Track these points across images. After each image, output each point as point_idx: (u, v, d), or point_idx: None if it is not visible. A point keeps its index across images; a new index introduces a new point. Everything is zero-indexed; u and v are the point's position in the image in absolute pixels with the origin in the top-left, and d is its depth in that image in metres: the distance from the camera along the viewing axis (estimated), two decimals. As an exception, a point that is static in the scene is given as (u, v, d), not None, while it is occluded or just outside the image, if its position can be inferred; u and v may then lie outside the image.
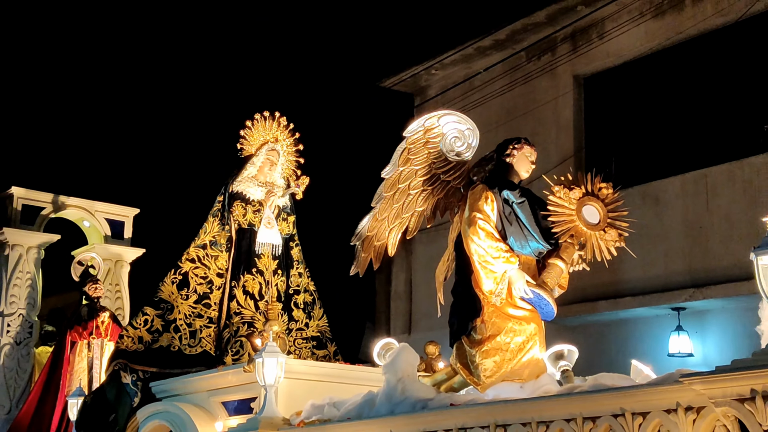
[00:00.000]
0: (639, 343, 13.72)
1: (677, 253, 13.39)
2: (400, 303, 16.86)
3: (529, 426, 6.26)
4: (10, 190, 13.17)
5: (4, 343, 12.83)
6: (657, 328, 13.57)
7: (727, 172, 13.14)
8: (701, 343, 13.27)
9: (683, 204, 13.52)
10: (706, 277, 12.90)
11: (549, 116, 15.38)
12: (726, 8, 13.51)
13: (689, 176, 13.54)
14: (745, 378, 5.15)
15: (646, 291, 13.45)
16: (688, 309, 13.19)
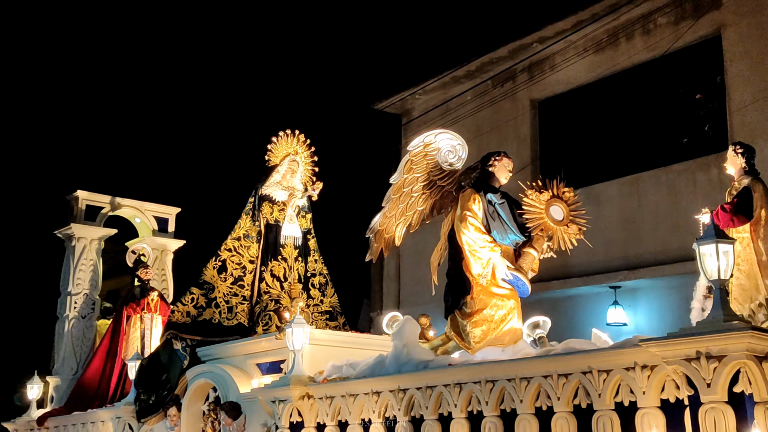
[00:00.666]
0: (583, 314, 13.64)
1: (614, 242, 13.32)
2: (391, 283, 16.76)
3: (513, 381, 6.29)
4: (76, 193, 13.08)
5: (72, 317, 12.74)
6: (598, 302, 13.53)
7: (654, 177, 13.16)
8: (633, 314, 13.26)
9: (619, 203, 13.49)
10: (638, 262, 12.92)
11: (510, 132, 15.27)
12: (652, 45, 13.51)
13: (624, 180, 13.54)
14: (692, 342, 5.22)
15: (589, 273, 13.39)
16: (623, 287, 13.19)
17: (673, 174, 12.95)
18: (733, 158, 7.42)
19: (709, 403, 5.16)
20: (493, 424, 6.38)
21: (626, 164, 13.63)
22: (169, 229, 13.73)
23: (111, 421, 10.47)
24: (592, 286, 13.48)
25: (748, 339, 5.01)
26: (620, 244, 13.23)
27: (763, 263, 6.83)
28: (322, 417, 7.75)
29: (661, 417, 5.50)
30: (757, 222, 6.95)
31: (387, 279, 16.88)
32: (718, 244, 5.41)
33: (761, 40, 12.31)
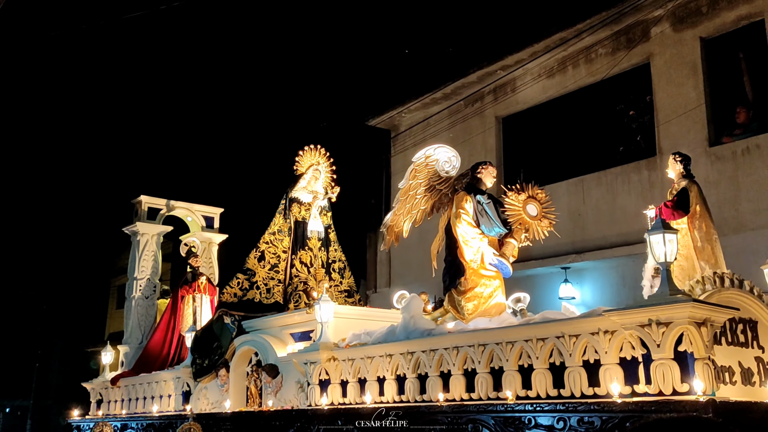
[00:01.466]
0: (540, 290, 13.48)
1: (564, 231, 12.86)
2: (383, 267, 16.71)
3: (500, 345, 6.36)
4: (139, 198, 13.10)
5: (137, 297, 12.77)
6: (551, 280, 13.52)
7: (596, 178, 13.16)
8: (580, 289, 13.28)
9: (568, 199, 13.43)
10: (583, 247, 12.93)
11: (479, 144, 15.22)
12: (595, 71, 13.52)
13: (572, 181, 13.52)
14: (645, 312, 5.35)
15: (544, 256, 13.32)
16: (572, 268, 13.18)
17: (611, 176, 12.99)
18: (674, 164, 7.54)
19: (659, 360, 5.29)
20: (484, 379, 6.47)
21: (573, 168, 13.64)
22: (214, 226, 13.72)
23: (172, 380, 10.49)
24: (547, 267, 13.44)
25: (690, 308, 5.14)
26: (569, 233, 13.11)
27: (698, 248, 6.99)
28: (345, 375, 7.79)
29: (620, 371, 5.60)
30: (693, 215, 7.09)
31: (380, 263, 16.78)
32: (664, 234, 5.55)
33: (682, 67, 12.37)
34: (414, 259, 14.41)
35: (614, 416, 5.22)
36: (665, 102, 12.52)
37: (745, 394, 5.69)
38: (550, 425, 5.61)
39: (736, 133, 11.78)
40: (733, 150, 11.66)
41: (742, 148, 11.59)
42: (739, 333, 5.88)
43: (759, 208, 11.20)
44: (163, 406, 10.56)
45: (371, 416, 7.03)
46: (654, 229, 5.57)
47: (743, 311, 6.00)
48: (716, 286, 5.78)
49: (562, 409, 5.55)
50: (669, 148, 12.37)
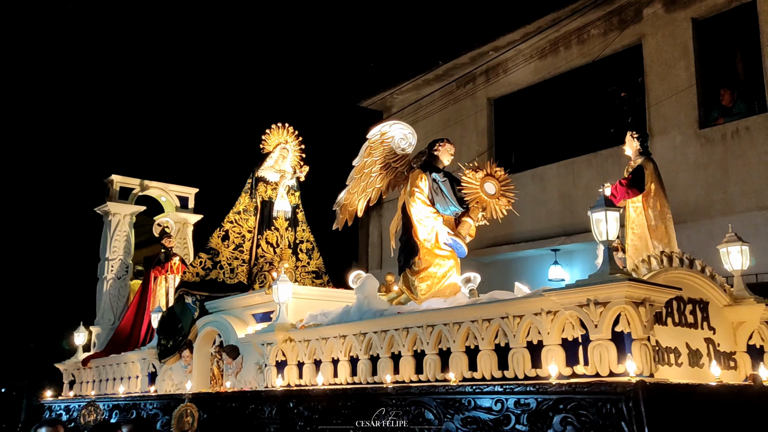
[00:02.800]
0: (529, 272, 13.55)
1: (554, 213, 13.30)
2: (375, 248, 16.72)
3: (448, 326, 6.28)
4: (111, 177, 13.06)
5: (109, 278, 12.76)
6: (541, 262, 13.48)
7: (587, 160, 13.07)
8: (570, 271, 13.18)
9: (558, 181, 13.43)
10: (573, 229, 12.81)
11: (471, 125, 15.17)
12: (586, 52, 13.41)
13: (562, 163, 13.46)
14: (583, 291, 5.25)
15: (534, 238, 13.35)
16: (562, 250, 13.13)
17: (601, 158, 12.87)
18: (630, 141, 7.38)
19: (597, 341, 5.19)
20: (432, 360, 6.40)
21: (564, 150, 13.57)
22: (189, 206, 13.69)
23: (138, 361, 10.50)
24: (537, 249, 13.43)
25: (626, 288, 5.02)
26: (559, 215, 13.21)
27: (651, 227, 6.84)
28: (301, 356, 7.74)
29: (561, 352, 5.51)
30: (647, 194, 6.94)
31: (371, 245, 16.79)
32: (607, 212, 5.42)
33: (674, 48, 12.24)
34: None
35: (549, 398, 5.12)
36: (656, 83, 12.40)
37: (691, 376, 5.58)
38: (489, 407, 5.51)
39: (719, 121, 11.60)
40: (723, 132, 11.52)
41: (731, 130, 11.44)
42: (688, 313, 5.76)
43: (747, 191, 11.07)
44: (130, 387, 10.58)
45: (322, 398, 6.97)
46: (596, 207, 5.43)
47: (693, 292, 5.88)
48: (663, 266, 5.65)
49: (500, 390, 5.45)
50: (660, 129, 12.26)
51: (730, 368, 5.98)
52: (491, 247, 13.92)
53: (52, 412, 11.51)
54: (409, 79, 16.06)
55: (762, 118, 11.06)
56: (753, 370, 5.91)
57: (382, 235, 16.41)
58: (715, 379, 5.36)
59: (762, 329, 6.25)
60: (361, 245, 17.14)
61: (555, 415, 5.04)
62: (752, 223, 10.63)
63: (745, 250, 6.35)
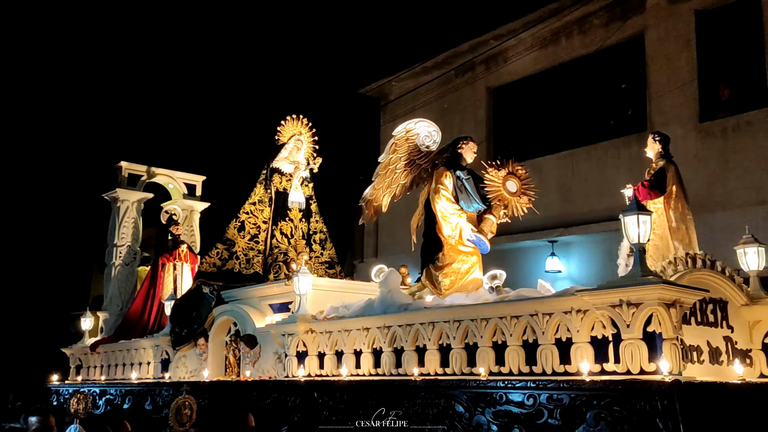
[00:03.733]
0: (526, 263, 13.69)
1: (552, 204, 13.21)
2: (371, 238, 16.77)
3: (475, 321, 6.45)
4: (120, 164, 13.06)
5: (117, 264, 12.80)
6: (538, 254, 13.60)
7: (586, 152, 13.20)
8: (567, 263, 13.39)
9: (557, 173, 13.51)
10: (571, 221, 13.01)
11: (469, 114, 15.18)
12: (588, 42, 13.51)
13: (561, 154, 13.57)
14: (616, 292, 5.45)
15: (532, 229, 13.28)
16: (559, 241, 13.27)
17: (601, 150, 13.04)
18: (652, 144, 7.63)
19: (628, 340, 5.42)
20: (459, 354, 6.58)
21: (563, 141, 13.68)
22: (196, 194, 13.71)
23: (151, 348, 10.61)
24: (534, 241, 13.51)
25: (659, 290, 5.25)
26: (557, 206, 13.25)
27: (672, 228, 7.12)
28: (322, 347, 7.89)
29: (590, 350, 5.72)
30: (669, 196, 7.21)
31: (367, 234, 16.84)
32: (638, 215, 5.63)
33: (676, 40, 12.37)
34: (401, 230, 14.39)
35: (582, 394, 5.37)
36: (657, 76, 12.56)
37: (713, 373, 5.86)
38: (521, 402, 5.74)
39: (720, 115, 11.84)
40: (723, 126, 11.74)
41: (732, 124, 11.67)
42: (709, 313, 6.03)
43: (746, 185, 11.32)
44: (142, 373, 10.72)
45: (347, 389, 7.17)
46: (628, 210, 5.65)
47: (714, 292, 6.15)
48: (688, 267, 5.91)
49: (532, 386, 5.68)
50: (660, 122, 12.45)
51: (746, 365, 6.26)
52: (490, 237, 14.09)
53: (60, 396, 11.62)
54: (408, 66, 16.09)
55: (763, 113, 11.24)
56: (768, 367, 6.23)
57: (378, 225, 16.41)
58: (738, 377, 5.66)
59: (777, 327, 6.56)
60: (356, 234, 17.19)
61: (588, 410, 5.29)
62: (751, 217, 10.88)
63: (762, 251, 6.63)
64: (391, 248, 15.46)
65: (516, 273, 12.57)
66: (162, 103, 19.23)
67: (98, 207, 13.62)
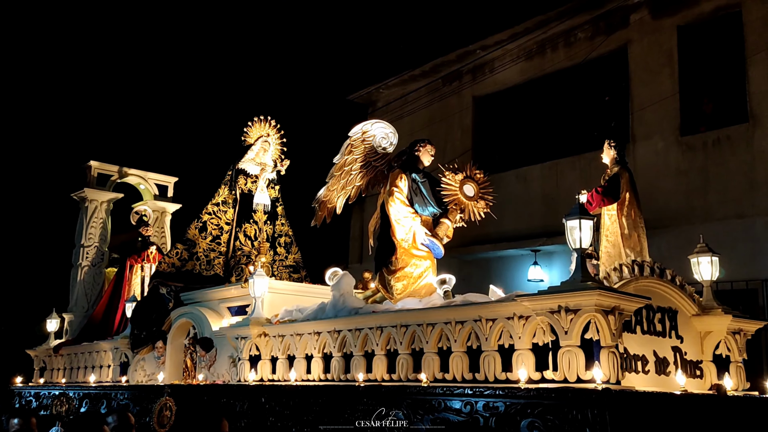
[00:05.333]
0: (509, 272, 13.67)
1: (536, 214, 13.33)
2: (356, 243, 16.71)
3: (422, 326, 6.37)
4: (89, 163, 12.96)
5: (84, 265, 12.69)
6: (521, 262, 13.56)
7: (570, 162, 13.19)
8: (549, 273, 13.29)
9: (541, 182, 13.52)
10: (554, 230, 12.65)
11: (456, 123, 15.19)
12: (573, 55, 13.56)
13: (546, 164, 13.56)
14: (555, 298, 5.37)
15: (515, 238, 13.39)
16: (542, 251, 13.21)
17: (585, 160, 12.95)
18: (608, 150, 7.51)
19: (566, 347, 5.32)
20: (405, 360, 6.50)
21: (548, 151, 13.69)
22: (168, 195, 13.63)
23: (111, 351, 10.50)
24: (517, 249, 13.50)
25: (596, 296, 5.14)
26: (541, 216, 13.25)
27: (625, 235, 6.99)
28: (275, 351, 7.82)
29: (531, 357, 5.63)
30: (622, 202, 7.09)
31: (352, 239, 16.79)
32: (581, 220, 5.54)
33: (658, 54, 12.41)
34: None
35: (517, 402, 5.24)
36: (640, 89, 12.57)
37: (658, 384, 5.73)
38: (458, 409, 5.63)
39: (701, 129, 11.79)
40: (704, 140, 11.71)
41: (713, 138, 11.63)
42: (657, 322, 5.91)
43: (726, 199, 11.27)
44: (102, 376, 10.59)
45: (292, 394, 7.05)
46: (571, 215, 5.54)
47: (662, 300, 6.03)
48: (634, 275, 5.78)
49: (469, 393, 5.57)
50: (642, 135, 12.43)
51: (696, 377, 6.14)
52: (472, 246, 13.96)
53: (22, 398, 11.49)
54: (396, 74, 16.11)
55: (743, 128, 11.25)
56: (718, 379, 6.07)
57: (362, 230, 16.40)
58: (680, 388, 5.50)
59: (728, 339, 6.43)
60: (341, 240, 17.13)
61: (522, 419, 5.17)
62: (731, 230, 10.83)
63: (715, 261, 6.51)
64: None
65: (499, 282, 12.45)
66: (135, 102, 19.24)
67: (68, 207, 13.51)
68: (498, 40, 14.37)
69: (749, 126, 11.17)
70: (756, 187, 10.94)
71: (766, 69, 11.07)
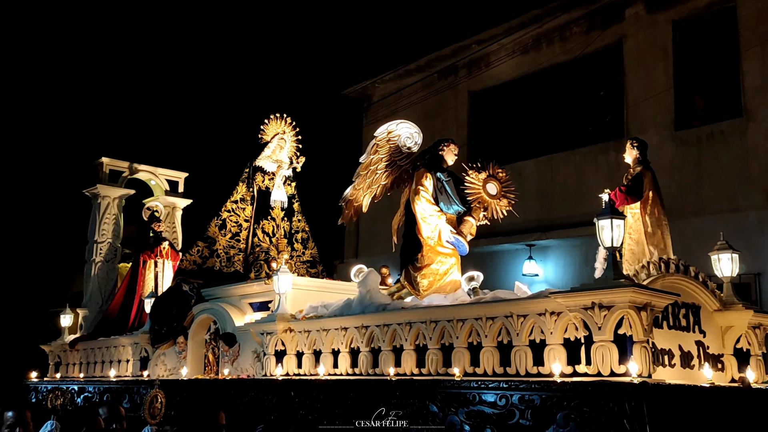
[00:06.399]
0: (504, 266, 13.76)
1: (531, 209, 13.20)
2: (351, 238, 16.77)
3: (452, 322, 6.46)
4: (101, 160, 12.94)
5: (98, 261, 12.69)
6: (516, 257, 13.65)
7: (564, 157, 13.31)
8: (544, 267, 13.44)
9: (536, 177, 13.57)
10: (549, 225, 13.08)
11: (451, 117, 15.22)
12: (568, 49, 13.61)
13: (540, 159, 13.65)
14: (589, 295, 5.50)
15: (510, 233, 13.31)
16: (537, 245, 13.32)
17: (579, 155, 13.15)
18: (630, 150, 7.69)
19: (600, 342, 5.46)
20: (434, 354, 6.58)
21: (543, 146, 13.78)
22: (178, 190, 13.61)
23: (130, 346, 10.53)
24: (512, 244, 13.56)
25: (630, 293, 5.29)
26: (536, 211, 13.30)
27: (648, 233, 7.17)
28: (300, 347, 7.87)
29: (563, 352, 5.76)
30: (645, 201, 7.26)
31: (348, 235, 16.81)
32: (612, 220, 5.67)
33: (653, 49, 12.52)
34: (381, 231, 14.42)
35: (552, 395, 5.40)
36: (635, 84, 12.69)
37: (684, 377, 5.91)
38: (493, 402, 5.77)
39: (695, 123, 11.98)
40: (698, 135, 11.88)
41: (706, 133, 11.81)
42: (681, 317, 6.09)
43: (719, 193, 11.46)
44: (121, 370, 10.62)
45: (323, 388, 7.15)
46: (602, 215, 5.69)
47: (686, 296, 6.21)
48: (661, 272, 5.96)
49: (504, 387, 5.70)
50: (636, 130, 12.54)
51: (717, 370, 6.34)
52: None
53: (38, 393, 11.49)
54: (391, 69, 16.11)
55: (737, 123, 11.41)
56: (739, 372, 6.29)
57: (358, 225, 16.38)
58: (708, 381, 5.72)
59: (749, 334, 6.64)
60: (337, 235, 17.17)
61: (558, 411, 5.32)
62: (724, 224, 10.98)
63: (735, 257, 6.70)
64: (371, 249, 15.45)
65: (493, 276, 12.60)
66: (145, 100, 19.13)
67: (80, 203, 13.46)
68: (493, 34, 14.44)
69: (743, 121, 11.33)
70: (749, 181, 11.12)
71: (760, 64, 11.22)
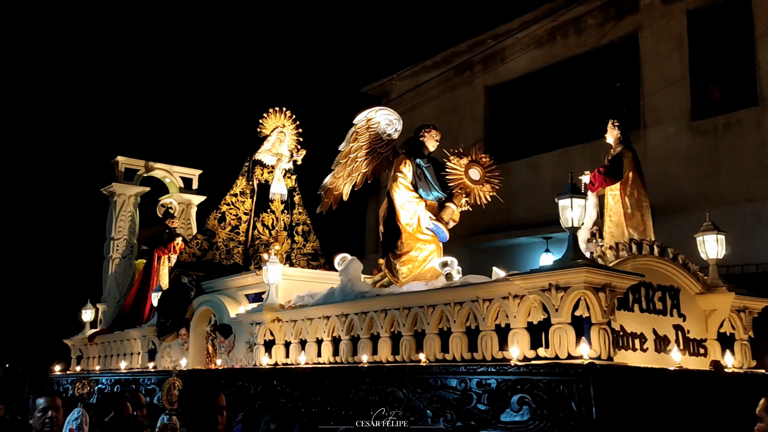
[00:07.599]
0: (521, 259, 13.41)
1: (548, 201, 12.68)
2: (371, 233, 16.50)
3: (423, 308, 6.31)
4: (117, 158, 13.06)
5: (115, 257, 12.80)
6: (533, 250, 13.36)
7: (581, 150, 12.93)
8: (561, 260, 13.19)
9: (553, 170, 13.27)
10: None
11: (467, 112, 15.03)
12: (583, 42, 13.37)
13: (557, 152, 13.36)
14: (545, 276, 5.27)
15: (527, 226, 13.22)
16: (554, 238, 12.95)
17: (596, 147, 12.46)
18: (611, 130, 7.35)
19: (557, 324, 5.21)
20: (408, 341, 6.44)
21: (559, 139, 13.48)
22: (193, 187, 13.66)
23: (139, 338, 10.61)
24: (529, 237, 13.32)
25: (585, 273, 5.01)
26: (552, 203, 12.58)
27: (628, 215, 6.80)
28: (288, 336, 7.81)
29: (526, 335, 5.53)
30: (625, 182, 6.90)
31: (368, 230, 16.67)
32: (572, 199, 5.43)
33: (669, 39, 12.14)
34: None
35: (508, 379, 5.16)
36: (651, 74, 12.33)
37: (657, 361, 5.58)
38: (454, 387, 5.56)
39: (711, 113, 11.52)
40: (715, 125, 11.47)
41: (723, 123, 11.39)
42: (657, 300, 5.76)
43: (737, 183, 11.01)
44: (132, 362, 10.72)
45: (303, 376, 7.05)
46: (563, 194, 5.43)
47: (663, 279, 5.88)
48: (632, 253, 5.64)
49: (464, 371, 5.49)
50: (653, 120, 12.18)
51: (699, 355, 5.97)
52: (485, 234, 13.84)
53: (60, 386, 11.70)
54: (408, 65, 15.98)
55: (753, 112, 10.97)
56: (723, 357, 5.91)
57: (378, 220, 16.31)
58: (676, 365, 5.37)
59: (733, 317, 6.24)
60: (357, 230, 17.07)
61: (513, 395, 5.09)
62: (741, 214, 10.59)
63: (721, 239, 6.33)
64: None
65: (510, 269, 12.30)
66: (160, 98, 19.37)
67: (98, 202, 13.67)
68: (508, 29, 14.19)
69: (759, 110, 10.88)
70: (766, 170, 10.66)
71: (775, 52, 10.77)
